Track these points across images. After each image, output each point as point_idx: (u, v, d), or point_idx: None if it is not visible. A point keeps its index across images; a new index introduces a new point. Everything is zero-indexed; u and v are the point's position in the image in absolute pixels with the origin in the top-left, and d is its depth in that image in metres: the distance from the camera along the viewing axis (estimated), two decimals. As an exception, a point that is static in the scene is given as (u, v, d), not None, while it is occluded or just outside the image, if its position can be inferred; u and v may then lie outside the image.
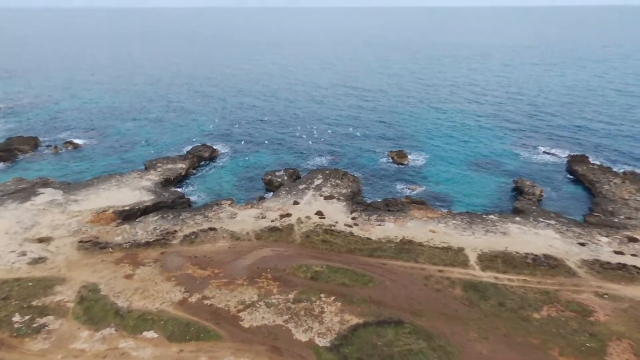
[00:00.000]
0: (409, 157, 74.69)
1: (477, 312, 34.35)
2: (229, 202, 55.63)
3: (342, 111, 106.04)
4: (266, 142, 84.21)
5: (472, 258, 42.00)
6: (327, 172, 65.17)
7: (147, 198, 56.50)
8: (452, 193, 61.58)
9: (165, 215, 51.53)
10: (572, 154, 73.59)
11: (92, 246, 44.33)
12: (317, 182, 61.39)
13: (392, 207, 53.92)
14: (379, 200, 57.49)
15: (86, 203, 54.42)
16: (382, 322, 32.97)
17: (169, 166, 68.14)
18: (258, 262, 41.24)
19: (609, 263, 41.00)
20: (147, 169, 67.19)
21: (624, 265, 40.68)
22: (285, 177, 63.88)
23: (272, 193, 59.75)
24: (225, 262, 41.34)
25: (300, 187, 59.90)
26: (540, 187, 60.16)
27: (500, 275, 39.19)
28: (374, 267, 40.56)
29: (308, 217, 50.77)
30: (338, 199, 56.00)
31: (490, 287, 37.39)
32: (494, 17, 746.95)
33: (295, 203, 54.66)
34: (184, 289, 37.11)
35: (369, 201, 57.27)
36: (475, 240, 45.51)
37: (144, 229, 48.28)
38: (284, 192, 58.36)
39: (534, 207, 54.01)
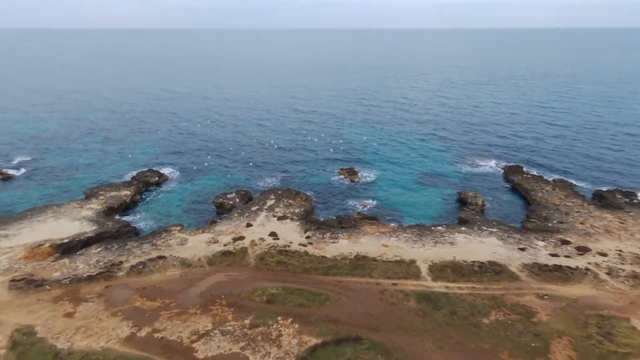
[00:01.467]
0: (360, 174, 76.42)
1: (431, 322, 35.34)
2: (178, 228, 53.71)
3: (289, 133, 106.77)
4: (215, 165, 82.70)
5: (424, 269, 43.37)
6: (280, 192, 65.03)
7: (89, 229, 53.17)
8: (402, 207, 63.58)
9: (109, 246, 48.68)
10: (508, 164, 78.96)
11: (26, 285, 40.79)
12: (270, 202, 61.01)
13: (345, 224, 54.67)
14: (333, 217, 58.08)
15: (18, 238, 50.19)
16: (340, 340, 32.96)
17: (113, 193, 64.78)
18: (211, 289, 39.93)
19: (546, 265, 44.00)
20: (88, 197, 63.43)
21: (560, 266, 43.83)
22: (237, 199, 62.90)
23: (224, 216, 58.49)
24: (177, 291, 39.63)
25: (253, 208, 59.20)
26: (482, 197, 63.76)
27: (451, 285, 40.74)
28: (330, 285, 40.66)
29: (262, 239, 50.14)
30: (291, 219, 55.89)
31: (442, 296, 38.71)
32: (434, 39, 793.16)
33: (249, 225, 53.86)
34: (132, 324, 35.01)
35: (322, 219, 57.68)
36: (425, 252, 47.11)
37: (86, 262, 45.27)
38: (236, 215, 57.34)
39: (477, 217, 57.03)
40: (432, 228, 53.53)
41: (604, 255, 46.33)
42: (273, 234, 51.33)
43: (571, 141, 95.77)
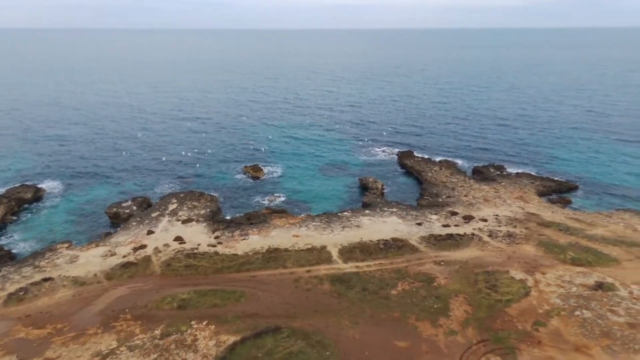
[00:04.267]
0: (264, 170, 76.10)
1: (345, 301, 36.79)
2: (66, 245, 47.85)
3: (185, 133, 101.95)
4: (103, 173, 75.25)
5: (335, 253, 44.93)
6: (182, 195, 61.76)
7: (-53, 259, 44.53)
8: (309, 198, 64.94)
9: (-23, 276, 41.34)
10: (400, 150, 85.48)
11: None
12: (172, 207, 57.60)
13: (255, 219, 54.07)
14: (241, 215, 56.98)
15: None
16: (259, 333, 32.57)
17: (-24, 216, 55.10)
18: (113, 305, 36.42)
19: (440, 235, 48.75)
20: (-59, 223, 53.07)
21: (451, 235, 48.91)
22: (135, 207, 58.16)
23: (120, 227, 53.59)
24: (70, 313, 35.34)
25: (154, 215, 55.31)
26: (381, 181, 68.10)
27: (360, 264, 42.86)
28: (244, 281, 39.92)
29: (166, 245, 47.15)
30: (197, 221, 53.50)
31: (354, 276, 40.54)
32: (324, 40, 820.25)
33: (150, 232, 50.19)
34: (15, 358, 30.31)
35: (230, 218, 56.26)
36: (335, 237, 48.82)
37: (-54, 298, 37.90)
38: (134, 224, 53.01)
39: (378, 200, 60.80)
40: (339, 214, 55.66)
41: (485, 220, 52.91)
42: (179, 239, 48.59)
43: (449, 127, 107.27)
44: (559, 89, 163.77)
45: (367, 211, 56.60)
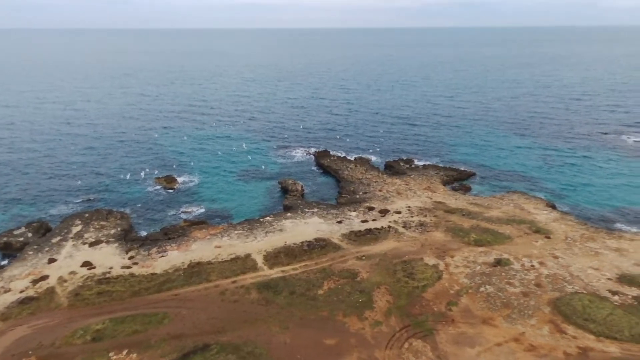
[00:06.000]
0: (179, 180, 72.70)
1: (274, 307, 36.88)
2: (-56, 287, 41.06)
3: (85, 148, 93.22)
4: (-11, 197, 65.90)
5: (260, 260, 44.69)
6: (87, 215, 56.59)
7: None
8: (229, 206, 63.57)
9: None
10: (317, 150, 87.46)
11: None
12: (76, 229, 52.51)
13: (172, 234, 51.55)
14: (157, 230, 53.94)
15: None
16: (187, 354, 31.29)
17: None
18: (11, 348, 32.27)
19: (360, 231, 51.02)
20: None
21: (370, 229, 51.45)
22: (30, 234, 51.91)
23: (14, 257, 47.43)
24: (-43, 366, 30.58)
25: (54, 240, 49.90)
26: (301, 183, 69.12)
27: (286, 268, 43.20)
28: (166, 301, 37.96)
29: (73, 273, 42.91)
30: (107, 242, 49.45)
31: (280, 281, 40.75)
32: (234, 39, 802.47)
33: (52, 261, 45.22)
34: None
35: (145, 235, 52.93)
36: (258, 244, 48.52)
37: None
38: (31, 252, 47.32)
39: (299, 201, 61.64)
40: (261, 220, 55.38)
41: (399, 213, 56.54)
42: (87, 264, 44.49)
43: (359, 125, 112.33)
44: (452, 85, 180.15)
45: (288, 214, 57.09)
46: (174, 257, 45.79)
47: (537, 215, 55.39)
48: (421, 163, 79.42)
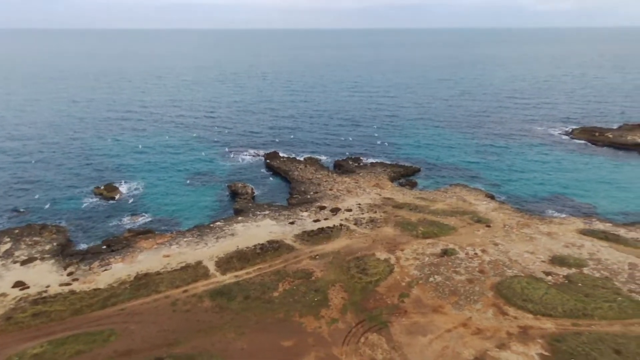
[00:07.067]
0: (121, 189, 68.95)
1: (228, 314, 36.11)
2: None
3: (11, 160, 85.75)
4: None
5: (212, 267, 43.54)
6: (17, 231, 52.13)
7: None
8: (177, 213, 61.29)
9: None
10: (266, 152, 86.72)
11: None
12: (5, 247, 48.18)
13: (116, 245, 48.81)
14: (98, 243, 50.78)
15: None
16: (138, 370, 29.81)
17: None
18: None
19: (312, 231, 51.29)
20: None
21: (322, 229, 51.88)
22: (-51, 256, 46.78)
23: None
24: None
25: (-21, 261, 45.38)
26: (251, 185, 68.22)
27: (240, 272, 42.45)
28: (112, 317, 35.88)
29: (3, 295, 39.33)
30: (42, 259, 45.84)
31: (234, 286, 39.97)
32: (165, 40, 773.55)
33: (-23, 284, 41.10)
34: None
35: (85, 248, 49.67)
36: (210, 250, 47.25)
37: None
38: (-48, 276, 42.69)
39: (250, 204, 60.82)
40: (211, 225, 53.99)
41: (350, 210, 57.51)
42: (19, 284, 40.97)
43: (306, 126, 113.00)
44: (394, 85, 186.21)
45: (239, 218, 56.13)
46: (119, 270, 43.39)
47: (478, 206, 58.78)
48: (369, 161, 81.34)
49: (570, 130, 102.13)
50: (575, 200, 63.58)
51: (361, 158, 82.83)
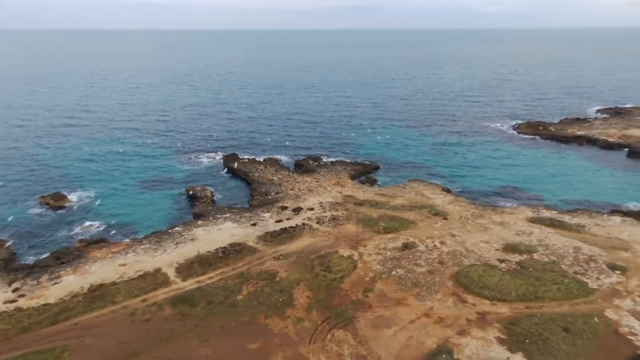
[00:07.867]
0: (70, 197, 65.17)
1: (191, 320, 35.08)
2: None
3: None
4: None
5: (172, 273, 42.14)
6: (-48, 248, 47.88)
7: None
8: (133, 220, 58.78)
9: None
10: (225, 154, 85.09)
11: None
12: (-62, 266, 44.11)
13: (66, 257, 46.10)
14: (46, 255, 47.71)
15: None
16: (95, 386, 28.30)
17: None
18: None
19: (275, 231, 50.89)
20: None
21: (285, 229, 51.61)
22: None
23: None
24: None
25: None
26: (210, 188, 66.68)
27: (201, 278, 41.36)
28: (65, 332, 33.85)
29: (-62, 317, 35.98)
30: (-17, 276, 42.39)
31: (196, 292, 38.89)
32: (115, 41, 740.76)
33: None
34: None
35: (32, 262, 46.51)
36: (169, 256, 45.70)
37: None
38: None
39: (210, 208, 59.43)
40: (170, 231, 52.26)
41: (312, 209, 57.62)
42: (-44, 305, 37.68)
43: (263, 127, 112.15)
44: (350, 85, 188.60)
45: (199, 222, 54.71)
46: (70, 283, 41.01)
47: (435, 200, 60.76)
48: (329, 160, 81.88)
49: (517, 125, 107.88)
50: (524, 191, 67.27)
51: (321, 157, 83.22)
